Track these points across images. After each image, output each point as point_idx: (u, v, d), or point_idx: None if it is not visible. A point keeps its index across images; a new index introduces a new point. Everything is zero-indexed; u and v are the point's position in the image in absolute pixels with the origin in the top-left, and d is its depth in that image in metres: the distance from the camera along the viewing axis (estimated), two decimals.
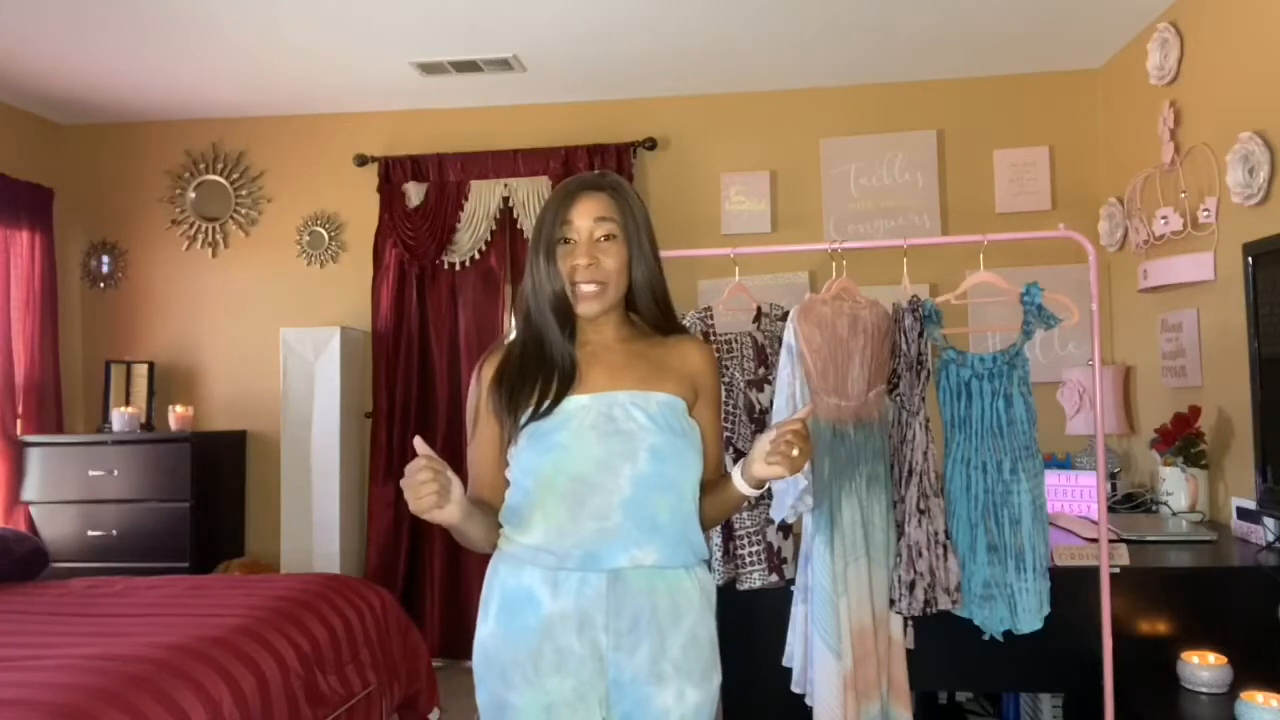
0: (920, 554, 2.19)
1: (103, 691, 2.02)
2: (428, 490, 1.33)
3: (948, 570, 2.22)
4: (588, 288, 1.51)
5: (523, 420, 1.49)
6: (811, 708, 2.19)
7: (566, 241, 1.52)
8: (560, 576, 1.46)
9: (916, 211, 4.14)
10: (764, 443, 1.45)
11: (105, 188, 4.63)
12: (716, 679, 1.54)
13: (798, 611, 2.30)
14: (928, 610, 2.20)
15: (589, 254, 1.50)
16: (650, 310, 1.59)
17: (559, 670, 1.45)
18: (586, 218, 1.51)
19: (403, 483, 1.34)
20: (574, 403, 1.50)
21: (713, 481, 1.59)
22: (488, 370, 1.57)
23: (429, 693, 3.22)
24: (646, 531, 1.46)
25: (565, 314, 1.53)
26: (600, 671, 1.46)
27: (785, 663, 2.34)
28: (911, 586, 2.18)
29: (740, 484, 1.52)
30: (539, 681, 1.45)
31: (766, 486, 2.29)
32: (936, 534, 2.22)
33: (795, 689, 2.29)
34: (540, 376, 1.51)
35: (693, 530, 1.52)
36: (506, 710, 1.47)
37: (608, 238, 1.52)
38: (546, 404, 1.48)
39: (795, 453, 1.42)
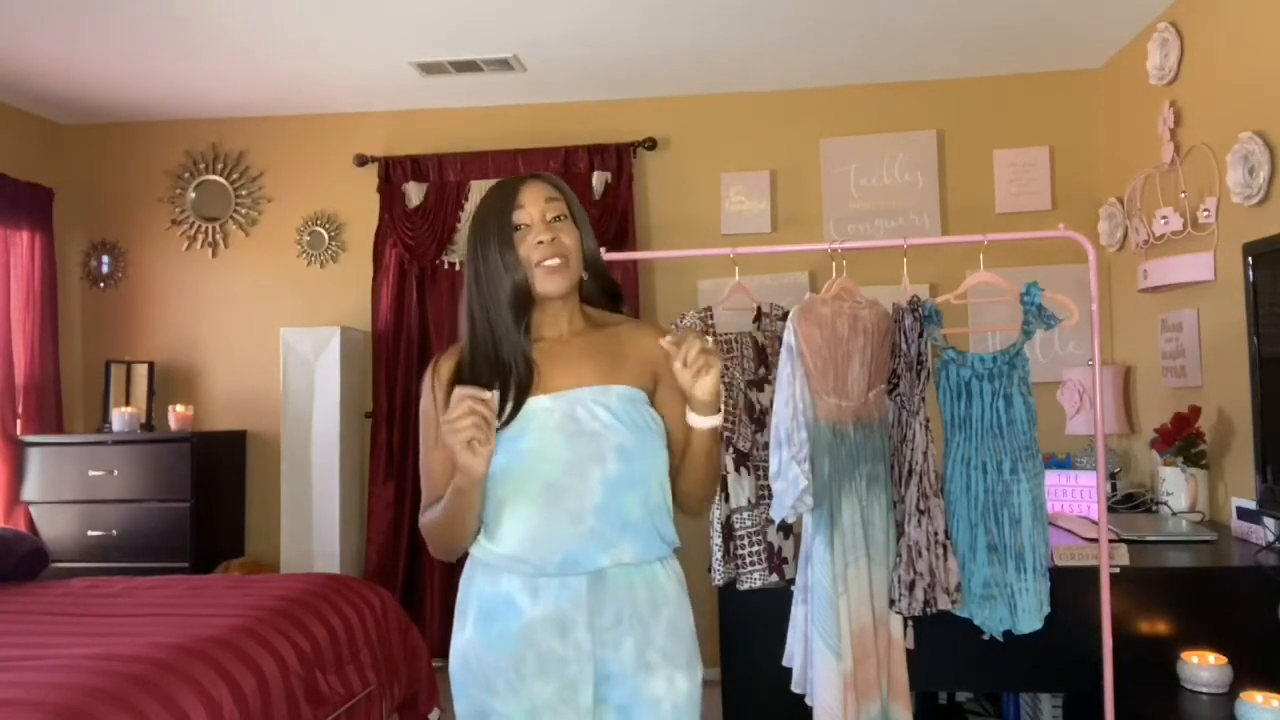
0: (920, 554, 2.19)
1: (103, 691, 2.02)
2: (471, 421, 1.31)
3: (947, 570, 2.22)
4: (552, 262, 1.49)
5: None
6: (811, 708, 2.19)
7: (518, 228, 1.50)
8: (540, 583, 1.46)
9: (916, 211, 4.14)
10: (684, 375, 1.43)
11: (105, 188, 4.62)
12: (700, 671, 1.55)
13: (798, 611, 2.30)
14: (927, 610, 2.20)
15: (549, 230, 1.50)
16: (597, 293, 1.61)
17: (541, 675, 1.45)
18: (537, 201, 1.51)
19: (446, 416, 1.33)
20: (535, 404, 1.47)
21: (682, 446, 1.55)
22: (444, 374, 1.52)
23: (429, 693, 3.22)
24: (618, 531, 1.46)
25: (522, 308, 1.50)
26: (584, 672, 1.46)
27: (785, 663, 2.34)
28: (911, 586, 2.18)
29: (697, 420, 1.49)
30: (522, 687, 1.45)
31: (760, 495, 2.30)
32: (936, 534, 2.22)
33: (795, 689, 2.29)
34: (497, 382, 1.46)
35: (662, 523, 1.52)
36: (490, 717, 1.47)
37: (558, 218, 1.52)
38: (507, 411, 1.45)
39: (700, 351, 1.40)
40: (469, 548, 1.54)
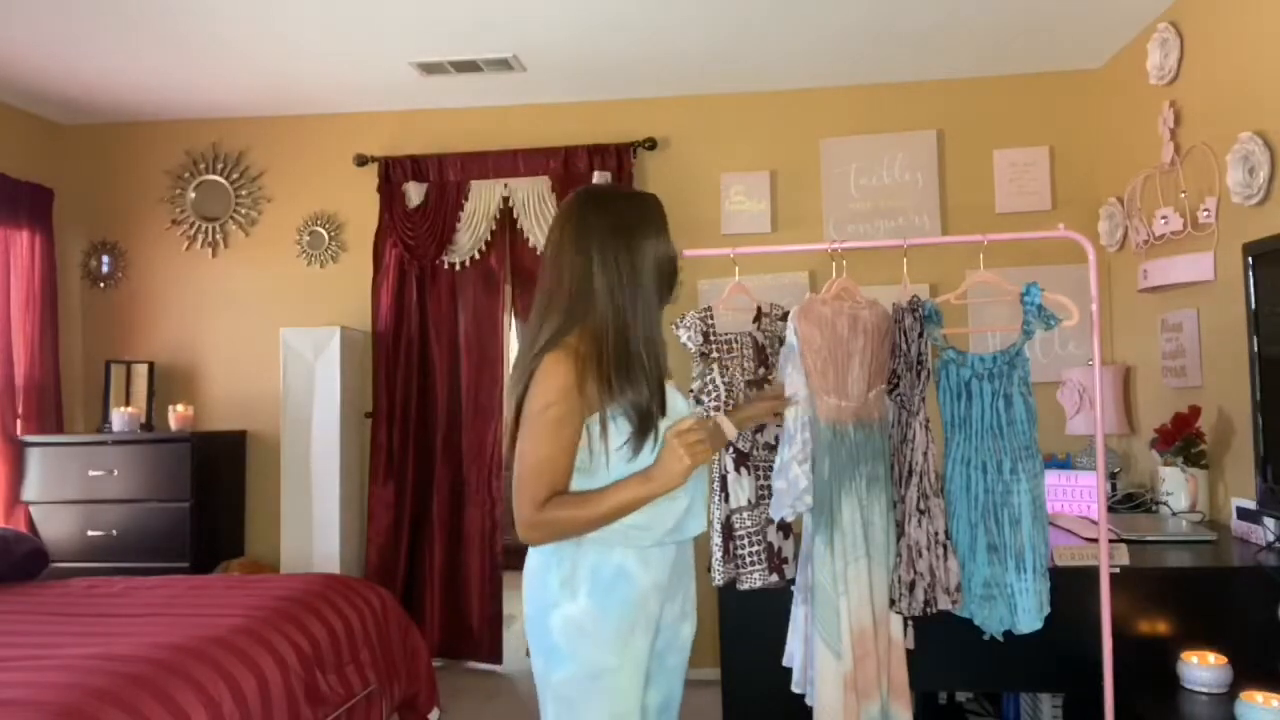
0: (920, 554, 2.19)
1: (103, 691, 2.02)
2: (709, 446, 1.61)
3: (948, 570, 2.22)
4: None
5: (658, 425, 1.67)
6: (811, 708, 2.19)
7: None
8: (651, 553, 1.66)
9: (916, 211, 4.14)
10: (769, 408, 2.05)
11: (105, 188, 4.62)
12: None
13: (798, 612, 2.30)
14: (928, 610, 2.20)
15: None
16: None
17: (647, 631, 1.68)
18: None
19: (689, 439, 1.57)
20: (678, 402, 1.75)
21: None
22: (583, 383, 1.64)
23: (429, 693, 3.22)
24: (703, 500, 1.75)
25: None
26: (657, 623, 1.71)
27: (785, 663, 2.34)
28: (911, 586, 2.18)
29: (733, 432, 1.95)
30: (632, 642, 1.66)
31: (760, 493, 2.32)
32: (936, 534, 2.22)
33: (795, 689, 2.29)
34: (658, 382, 1.69)
35: None
36: (605, 674, 1.64)
37: None
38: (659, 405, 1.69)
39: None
40: None
